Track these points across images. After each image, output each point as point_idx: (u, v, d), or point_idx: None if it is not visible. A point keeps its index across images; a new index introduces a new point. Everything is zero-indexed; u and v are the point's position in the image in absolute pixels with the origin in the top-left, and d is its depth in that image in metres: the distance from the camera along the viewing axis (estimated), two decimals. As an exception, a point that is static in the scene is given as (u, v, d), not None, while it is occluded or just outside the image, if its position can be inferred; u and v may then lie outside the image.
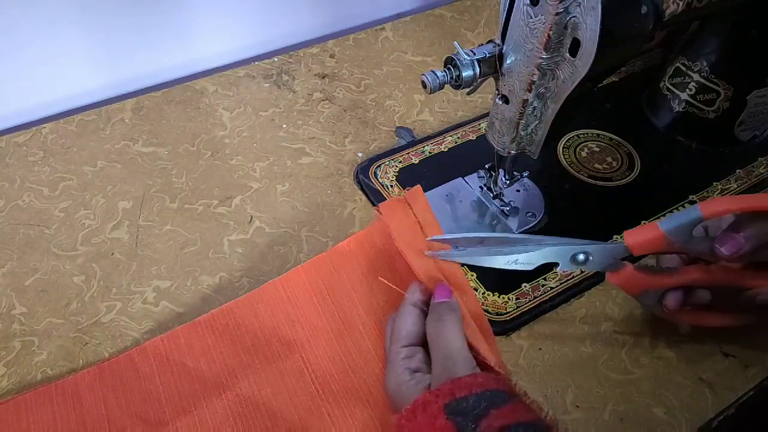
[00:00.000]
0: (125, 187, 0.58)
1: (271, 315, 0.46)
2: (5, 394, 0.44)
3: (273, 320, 0.46)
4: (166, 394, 0.42)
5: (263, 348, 0.45)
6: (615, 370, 0.46)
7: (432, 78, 0.46)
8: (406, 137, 0.64)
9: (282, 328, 0.46)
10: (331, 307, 0.47)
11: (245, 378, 0.43)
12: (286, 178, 0.59)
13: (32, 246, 0.53)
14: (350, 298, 0.47)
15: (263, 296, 0.47)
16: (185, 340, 0.45)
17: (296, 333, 0.46)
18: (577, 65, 0.41)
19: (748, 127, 0.61)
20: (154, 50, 0.69)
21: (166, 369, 0.44)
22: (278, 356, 0.44)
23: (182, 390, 0.43)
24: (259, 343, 0.45)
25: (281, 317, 0.46)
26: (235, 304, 0.47)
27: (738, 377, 0.46)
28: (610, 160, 0.61)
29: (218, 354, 0.44)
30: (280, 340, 0.45)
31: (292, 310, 0.47)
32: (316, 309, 0.47)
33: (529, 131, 0.48)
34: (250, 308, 0.47)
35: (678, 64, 0.62)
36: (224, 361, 0.44)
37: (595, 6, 0.38)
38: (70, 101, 0.68)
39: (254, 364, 0.44)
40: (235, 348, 0.45)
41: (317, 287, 0.48)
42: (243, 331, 0.46)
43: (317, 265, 0.49)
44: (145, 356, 0.44)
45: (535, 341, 0.48)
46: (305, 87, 0.69)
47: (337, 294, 0.48)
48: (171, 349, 0.45)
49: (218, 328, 0.46)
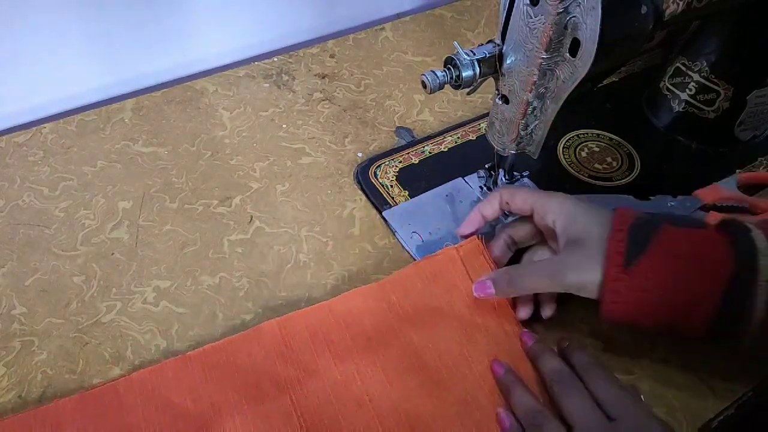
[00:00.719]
0: (125, 187, 0.58)
1: (265, 356, 0.45)
2: (5, 394, 0.44)
3: (266, 361, 0.44)
4: (147, 430, 0.41)
5: (252, 388, 0.43)
6: (615, 370, 0.46)
7: (432, 78, 0.46)
8: (406, 137, 0.64)
9: (274, 368, 0.44)
10: (327, 352, 0.45)
11: (230, 418, 0.42)
12: (286, 178, 0.59)
13: (32, 246, 0.53)
14: (348, 348, 0.45)
15: (259, 336, 0.46)
16: (173, 374, 0.44)
17: (288, 374, 0.44)
18: (577, 65, 0.41)
19: (748, 127, 0.61)
20: (154, 50, 0.69)
21: (151, 403, 0.42)
22: (267, 397, 0.43)
23: (164, 426, 0.41)
24: (249, 382, 0.43)
25: (275, 358, 0.45)
26: (229, 342, 0.45)
27: (738, 377, 0.46)
28: (610, 160, 0.61)
29: (205, 391, 0.43)
30: (270, 381, 0.43)
31: (287, 351, 0.45)
32: (311, 352, 0.45)
33: (529, 131, 0.48)
34: (244, 347, 0.45)
35: (678, 64, 0.62)
36: (210, 398, 0.42)
37: (595, 6, 0.38)
38: (70, 101, 0.68)
39: (241, 404, 0.42)
40: (224, 386, 0.43)
41: (314, 332, 0.46)
42: (234, 370, 0.44)
43: (317, 312, 0.47)
44: (131, 388, 0.43)
45: (535, 341, 0.48)
46: (305, 87, 0.69)
47: (335, 343, 0.46)
48: (158, 383, 0.43)
49: (209, 365, 0.44)
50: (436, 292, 0.48)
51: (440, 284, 0.49)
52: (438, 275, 0.49)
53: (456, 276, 0.49)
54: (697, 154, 0.63)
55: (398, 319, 0.47)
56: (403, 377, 0.44)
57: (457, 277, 0.49)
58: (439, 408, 0.43)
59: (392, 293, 0.48)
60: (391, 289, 0.48)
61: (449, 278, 0.49)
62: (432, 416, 0.42)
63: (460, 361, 0.45)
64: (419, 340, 0.46)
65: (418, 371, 0.44)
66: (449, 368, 0.45)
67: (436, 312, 0.47)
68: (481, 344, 0.46)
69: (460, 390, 0.44)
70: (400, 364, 0.45)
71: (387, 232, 0.55)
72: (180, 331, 0.48)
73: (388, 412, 0.42)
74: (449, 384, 0.44)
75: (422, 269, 0.49)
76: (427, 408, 0.43)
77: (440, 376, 0.44)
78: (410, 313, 0.47)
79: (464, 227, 0.49)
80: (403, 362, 0.45)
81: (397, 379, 0.44)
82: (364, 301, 0.48)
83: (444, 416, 0.42)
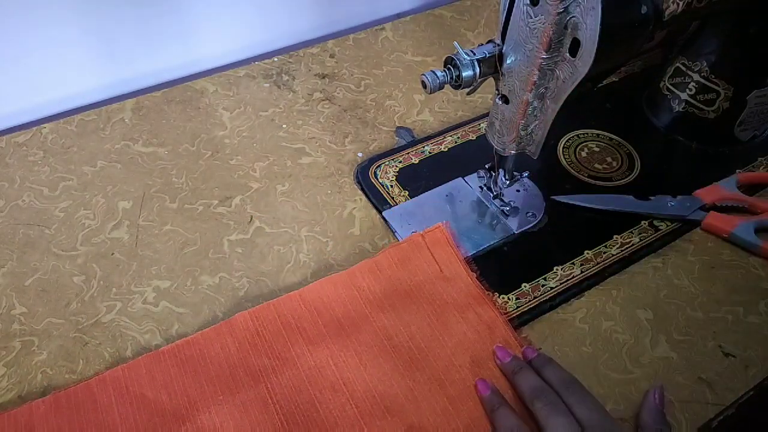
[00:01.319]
0: (125, 187, 0.58)
1: (238, 347, 0.45)
2: (5, 394, 0.44)
3: (240, 352, 0.45)
4: (123, 427, 0.41)
5: (227, 379, 0.43)
6: (615, 370, 0.46)
7: (432, 78, 0.46)
8: (406, 137, 0.64)
9: (248, 358, 0.44)
10: (300, 340, 0.46)
11: (206, 410, 0.42)
12: (286, 178, 0.59)
13: (32, 246, 0.53)
14: (321, 335, 0.46)
15: (232, 328, 0.46)
16: (147, 370, 0.44)
17: (263, 363, 0.44)
18: (577, 65, 0.41)
19: (748, 127, 0.61)
20: (154, 50, 0.69)
21: (125, 400, 0.42)
22: (242, 387, 0.43)
23: (140, 422, 0.41)
24: (223, 374, 0.44)
25: (248, 348, 0.45)
26: (202, 336, 0.46)
27: (738, 377, 0.46)
28: (610, 160, 0.61)
29: (180, 385, 0.43)
30: (245, 371, 0.44)
31: (260, 341, 0.45)
32: (285, 341, 0.45)
33: (529, 131, 0.48)
34: (217, 340, 0.45)
35: (678, 64, 0.62)
36: (186, 392, 0.43)
37: (595, 6, 0.38)
38: (70, 101, 0.68)
39: (216, 395, 0.43)
40: (198, 379, 0.43)
41: (287, 321, 0.47)
42: (207, 362, 0.44)
43: (288, 301, 0.48)
44: (104, 386, 0.43)
45: (535, 341, 0.48)
46: (305, 87, 0.69)
47: (308, 330, 0.46)
48: (131, 380, 0.43)
49: (182, 359, 0.44)
50: (404, 277, 0.50)
51: (408, 269, 0.50)
52: (405, 260, 0.51)
53: (423, 260, 0.51)
54: (697, 154, 0.63)
55: (369, 304, 0.48)
56: (377, 360, 0.45)
57: (423, 261, 0.51)
58: (412, 387, 0.44)
59: (362, 279, 0.49)
60: (361, 275, 0.50)
61: (416, 263, 0.51)
62: (406, 396, 0.43)
63: (431, 341, 0.46)
64: (390, 323, 0.47)
65: (391, 353, 0.45)
66: (421, 349, 0.46)
67: (405, 295, 0.49)
68: (452, 323, 0.47)
69: (432, 368, 0.45)
70: (373, 348, 0.46)
71: (387, 232, 0.55)
72: (180, 331, 0.48)
73: (363, 395, 0.43)
74: (422, 364, 0.45)
75: (390, 256, 0.51)
76: (401, 388, 0.44)
77: (412, 356, 0.45)
78: (380, 298, 0.48)
79: None
80: (375, 346, 0.46)
81: (370, 362, 0.45)
82: (334, 289, 0.49)
83: (418, 395, 0.43)
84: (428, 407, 0.43)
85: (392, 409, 0.43)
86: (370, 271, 0.50)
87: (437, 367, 0.45)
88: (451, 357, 0.45)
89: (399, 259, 0.51)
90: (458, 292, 0.49)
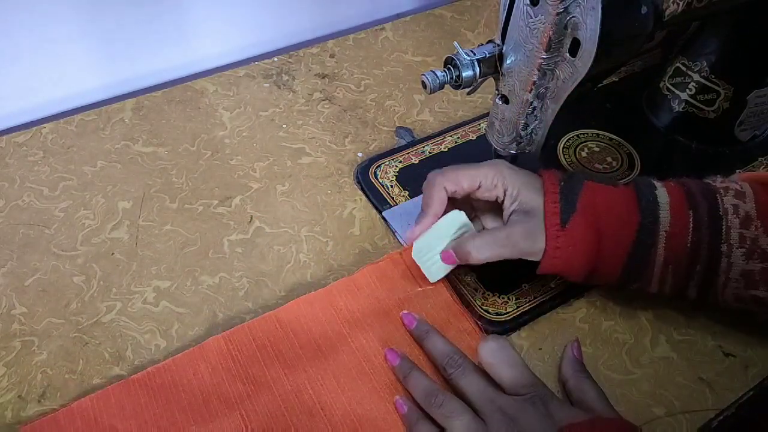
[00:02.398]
0: (125, 187, 0.58)
1: (211, 372, 0.44)
2: (5, 394, 0.44)
3: (213, 378, 0.43)
4: None
5: (200, 407, 0.42)
6: (615, 370, 0.46)
7: (432, 78, 0.46)
8: (406, 137, 0.64)
9: (222, 385, 0.43)
10: (276, 363, 0.44)
11: None
12: (286, 178, 0.59)
13: (32, 246, 0.53)
14: (298, 357, 0.45)
15: (204, 353, 0.45)
16: (116, 400, 0.42)
17: (237, 389, 0.43)
18: (577, 65, 0.41)
19: (748, 127, 0.61)
20: (154, 50, 0.69)
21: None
22: (216, 415, 0.42)
23: None
24: (196, 401, 0.42)
25: (222, 374, 0.44)
26: (173, 362, 0.44)
27: (738, 377, 0.46)
28: (610, 160, 0.61)
29: (151, 415, 0.42)
30: (219, 398, 0.42)
31: (234, 366, 0.44)
32: (260, 365, 0.44)
33: (529, 131, 0.48)
34: (189, 365, 0.44)
35: (678, 64, 0.62)
36: (157, 422, 0.41)
37: (595, 6, 0.38)
38: (70, 101, 0.68)
39: (189, 425, 0.41)
40: (170, 408, 0.42)
41: (263, 344, 0.45)
42: (180, 390, 0.43)
43: (263, 323, 0.47)
44: (72, 419, 0.41)
45: (535, 341, 0.48)
46: (305, 87, 0.69)
47: (284, 353, 0.45)
48: (100, 411, 0.42)
49: (153, 387, 0.43)
50: (382, 295, 0.49)
51: (386, 286, 0.49)
52: (383, 278, 0.50)
53: (401, 277, 0.50)
54: (697, 154, 0.63)
55: (347, 323, 0.47)
56: (355, 382, 0.44)
57: (401, 278, 0.50)
58: (391, 410, 0.43)
59: (339, 298, 0.48)
60: (338, 294, 0.49)
61: (394, 280, 0.50)
62: (384, 419, 0.42)
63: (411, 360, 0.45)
64: (369, 343, 0.46)
65: (370, 375, 0.44)
66: None
67: (384, 314, 0.48)
68: None
69: None
70: (351, 370, 0.44)
71: (387, 232, 0.55)
72: (180, 331, 0.48)
73: (341, 419, 0.42)
74: (401, 384, 0.44)
75: (367, 274, 0.50)
76: (379, 411, 0.43)
77: (391, 378, 0.44)
78: (358, 318, 0.47)
79: (416, 230, 0.48)
80: (353, 367, 0.45)
81: (348, 384, 0.44)
82: (311, 309, 0.47)
83: (397, 417, 0.43)
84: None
85: None
86: (347, 290, 0.49)
87: None
88: (431, 376, 0.44)
89: (377, 277, 0.50)
90: (437, 309, 0.48)
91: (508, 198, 0.46)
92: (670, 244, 0.43)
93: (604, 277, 0.46)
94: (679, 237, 0.43)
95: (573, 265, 0.45)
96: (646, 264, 0.44)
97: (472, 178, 0.47)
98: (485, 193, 0.47)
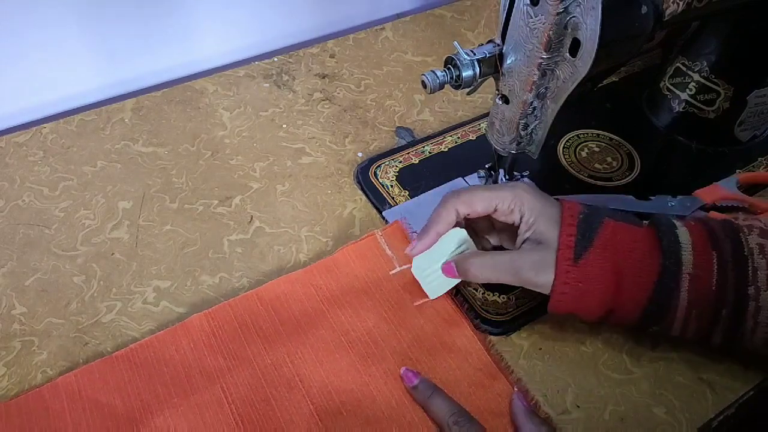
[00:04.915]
0: (125, 187, 0.58)
1: (193, 348, 0.45)
2: (5, 394, 0.44)
3: (194, 353, 0.45)
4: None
5: (182, 381, 0.43)
6: (615, 370, 0.46)
7: (432, 78, 0.46)
8: (406, 137, 0.64)
9: (203, 359, 0.44)
10: (257, 339, 0.46)
11: (160, 413, 0.42)
12: (286, 178, 0.59)
13: (32, 246, 0.53)
14: (278, 333, 0.46)
15: (187, 330, 0.46)
16: (100, 375, 0.43)
17: (218, 363, 0.44)
18: (577, 65, 0.41)
19: (748, 127, 0.61)
20: (154, 50, 0.69)
21: (78, 405, 0.42)
22: (197, 388, 0.43)
23: (93, 427, 0.41)
24: (178, 376, 0.43)
25: (203, 349, 0.45)
26: (156, 338, 0.45)
27: (738, 377, 0.46)
28: (610, 160, 0.61)
29: (134, 389, 0.43)
30: (201, 372, 0.44)
31: (215, 342, 0.45)
32: (241, 341, 0.45)
33: (529, 131, 0.48)
34: (171, 342, 0.45)
35: (678, 64, 0.62)
36: (139, 396, 0.42)
37: (595, 6, 0.38)
38: (70, 101, 0.68)
39: (171, 398, 0.42)
40: (152, 382, 0.43)
41: (244, 321, 0.47)
42: (162, 365, 0.44)
43: (245, 301, 0.48)
44: (56, 393, 0.42)
45: (535, 341, 0.48)
46: (305, 87, 0.69)
47: (265, 329, 0.46)
48: (84, 385, 0.43)
49: (136, 363, 0.44)
50: (361, 274, 0.50)
51: (365, 266, 0.50)
52: (362, 258, 0.51)
53: (379, 257, 0.51)
54: (697, 154, 0.63)
55: (326, 301, 0.48)
56: (333, 356, 0.45)
57: (380, 258, 0.51)
58: (368, 382, 0.44)
59: (319, 277, 0.50)
60: (318, 273, 0.50)
61: (373, 260, 0.51)
62: (362, 390, 0.44)
63: (388, 336, 0.47)
64: (347, 319, 0.47)
65: (347, 349, 0.46)
66: (378, 343, 0.46)
67: (362, 292, 0.49)
68: (408, 317, 0.48)
69: (389, 362, 0.45)
70: (329, 344, 0.46)
71: (387, 232, 0.55)
72: (180, 331, 0.48)
73: (319, 391, 0.43)
74: (378, 358, 0.45)
75: (347, 254, 0.51)
76: (356, 383, 0.44)
77: (369, 351, 0.46)
78: (337, 295, 0.49)
79: (418, 247, 0.47)
80: (332, 341, 0.46)
81: (326, 357, 0.45)
82: (291, 287, 0.49)
83: (374, 389, 0.44)
84: (384, 401, 0.43)
85: (348, 404, 0.43)
86: (327, 269, 0.50)
87: (393, 361, 0.45)
88: (407, 351, 0.46)
89: (356, 257, 0.51)
90: (415, 286, 0.49)
91: (523, 224, 0.45)
92: (694, 287, 0.41)
93: (621, 320, 0.44)
94: (704, 279, 0.41)
95: (585, 304, 0.43)
96: (668, 308, 0.42)
97: (489, 201, 0.46)
98: (501, 216, 0.46)
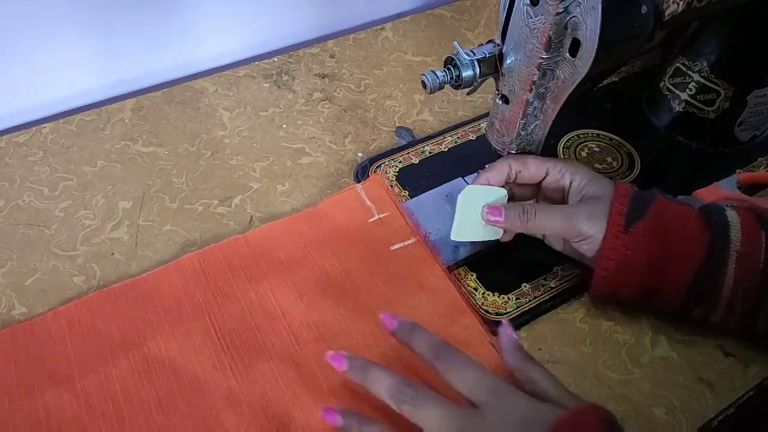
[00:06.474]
0: (125, 187, 0.58)
1: (184, 284, 0.49)
2: (5, 394, 0.44)
3: (186, 289, 0.49)
4: (75, 355, 0.44)
5: (173, 312, 0.47)
6: (615, 370, 0.46)
7: (432, 78, 0.46)
8: (406, 137, 0.64)
9: (194, 294, 0.48)
10: (243, 277, 0.49)
11: (152, 338, 0.45)
12: (286, 178, 0.59)
13: (32, 246, 0.53)
14: (263, 272, 0.50)
15: (179, 268, 0.50)
16: (98, 305, 0.47)
17: (207, 298, 0.48)
18: (577, 65, 0.41)
19: (748, 127, 0.61)
20: (154, 50, 0.69)
21: (77, 331, 0.46)
22: (187, 318, 0.47)
23: (91, 350, 0.45)
24: (170, 308, 0.47)
25: (194, 286, 0.49)
26: (150, 275, 0.49)
27: (738, 377, 0.46)
28: (610, 160, 0.61)
29: (129, 318, 0.47)
30: (191, 304, 0.48)
31: (205, 279, 0.49)
32: (228, 279, 0.49)
33: (529, 131, 0.48)
34: (165, 278, 0.49)
35: (678, 64, 0.62)
36: (134, 324, 0.46)
37: (595, 6, 0.38)
38: (70, 101, 0.68)
39: (163, 325, 0.46)
40: (146, 313, 0.47)
41: (232, 263, 0.50)
42: (155, 298, 0.48)
43: (234, 244, 0.52)
44: (58, 320, 0.46)
45: (535, 341, 0.48)
46: (305, 87, 0.69)
47: (251, 269, 0.50)
48: (84, 313, 0.47)
49: (131, 296, 0.48)
50: (342, 222, 0.54)
51: (347, 215, 0.54)
52: (344, 207, 0.55)
53: (360, 207, 0.55)
54: (697, 154, 0.63)
55: (308, 245, 0.52)
56: (313, 291, 0.49)
57: (361, 207, 0.55)
58: (344, 315, 0.48)
59: (303, 225, 0.54)
60: (302, 221, 0.54)
61: (355, 210, 0.55)
62: (338, 322, 0.47)
63: (365, 278, 0.50)
64: (328, 262, 0.51)
65: (326, 286, 0.49)
66: (355, 283, 0.50)
67: (343, 239, 0.53)
68: (384, 260, 0.51)
69: (364, 300, 0.49)
70: (310, 282, 0.50)
71: (387, 232, 0.55)
72: (180, 331, 0.48)
73: (299, 322, 0.47)
74: (354, 295, 0.49)
75: (330, 204, 0.55)
76: (333, 316, 0.48)
77: (345, 288, 0.49)
78: (319, 241, 0.52)
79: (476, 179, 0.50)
80: (312, 280, 0.50)
81: (306, 293, 0.49)
82: (278, 233, 0.53)
83: (349, 322, 0.47)
84: (359, 333, 0.47)
85: (325, 335, 0.46)
86: (310, 218, 0.54)
87: (369, 299, 0.49)
88: (383, 290, 0.49)
89: (337, 206, 0.55)
90: (392, 232, 0.53)
91: (575, 187, 0.47)
92: (742, 265, 0.41)
93: (664, 298, 0.44)
94: (752, 257, 0.41)
95: (629, 278, 0.43)
96: (714, 285, 0.42)
97: (541, 164, 0.48)
98: (552, 182, 0.48)
